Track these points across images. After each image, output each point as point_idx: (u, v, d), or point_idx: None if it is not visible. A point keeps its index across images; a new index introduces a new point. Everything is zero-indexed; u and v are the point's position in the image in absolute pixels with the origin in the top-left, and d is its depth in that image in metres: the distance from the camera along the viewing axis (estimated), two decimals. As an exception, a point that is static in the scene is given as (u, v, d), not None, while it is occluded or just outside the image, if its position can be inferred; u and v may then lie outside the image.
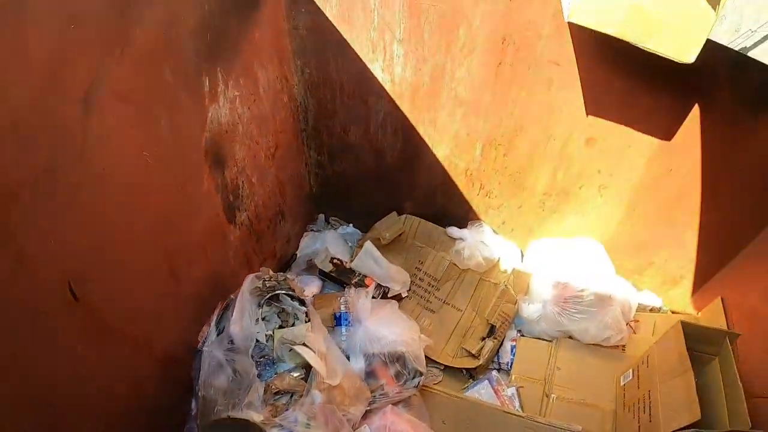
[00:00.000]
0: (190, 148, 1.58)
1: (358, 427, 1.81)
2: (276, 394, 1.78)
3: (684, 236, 2.14)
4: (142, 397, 1.58)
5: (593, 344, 2.23)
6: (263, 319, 1.91)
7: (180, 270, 1.64)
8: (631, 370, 2.07)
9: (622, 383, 2.09)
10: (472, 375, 2.25)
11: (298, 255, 2.63)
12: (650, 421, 1.78)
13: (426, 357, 2.09)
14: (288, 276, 1.94)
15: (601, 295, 2.17)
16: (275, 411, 1.71)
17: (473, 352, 2.23)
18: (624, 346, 2.26)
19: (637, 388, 1.96)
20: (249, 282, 1.90)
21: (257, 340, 1.87)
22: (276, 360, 1.88)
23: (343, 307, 2.09)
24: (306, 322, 1.93)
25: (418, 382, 2.01)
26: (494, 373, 2.20)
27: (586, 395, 2.10)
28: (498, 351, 2.29)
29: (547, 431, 1.88)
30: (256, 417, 1.64)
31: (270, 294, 1.92)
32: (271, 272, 1.93)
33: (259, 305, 1.91)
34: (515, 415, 1.94)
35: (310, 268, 2.50)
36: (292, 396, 1.78)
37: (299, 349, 1.80)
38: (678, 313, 2.39)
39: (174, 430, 1.79)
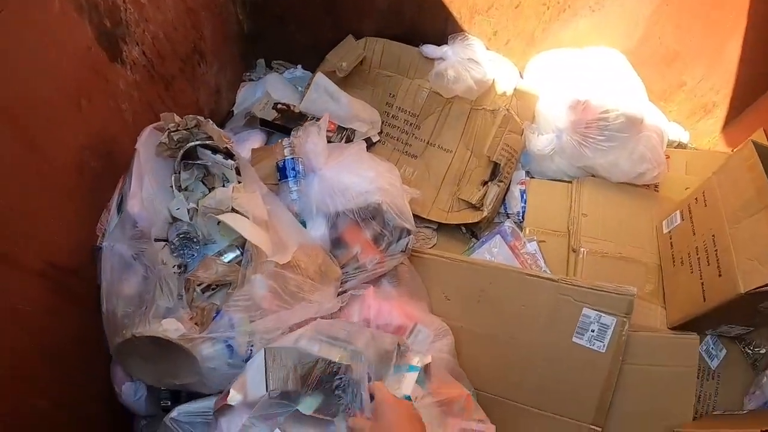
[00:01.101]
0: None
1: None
2: (205, 291, 1.25)
3: (725, 48, 1.77)
4: (33, 334, 1.12)
5: (622, 183, 1.77)
6: (184, 189, 1.38)
7: (38, 137, 1.08)
8: (678, 213, 1.61)
9: (666, 230, 1.64)
10: (474, 233, 1.74)
11: (235, 111, 2.02)
12: (720, 276, 1.35)
13: (413, 215, 1.56)
14: (200, 119, 1.33)
15: (631, 117, 1.66)
16: (202, 317, 1.19)
17: (473, 201, 1.72)
18: (657, 185, 1.81)
19: (692, 234, 1.51)
20: (146, 136, 1.30)
21: (175, 219, 1.33)
22: (204, 243, 1.35)
23: (288, 152, 1.51)
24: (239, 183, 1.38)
25: (407, 244, 1.50)
26: (508, 224, 1.69)
27: (623, 247, 1.64)
28: (504, 198, 1.77)
29: (592, 297, 1.39)
30: (171, 331, 1.12)
31: (183, 149, 1.33)
32: (176, 117, 1.32)
33: (175, 170, 1.35)
34: (545, 278, 1.44)
35: (250, 121, 1.88)
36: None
37: (226, 218, 1.25)
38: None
39: (95, 370, 1.32)
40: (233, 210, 1.28)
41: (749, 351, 1.51)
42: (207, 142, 1.34)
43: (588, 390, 1.39)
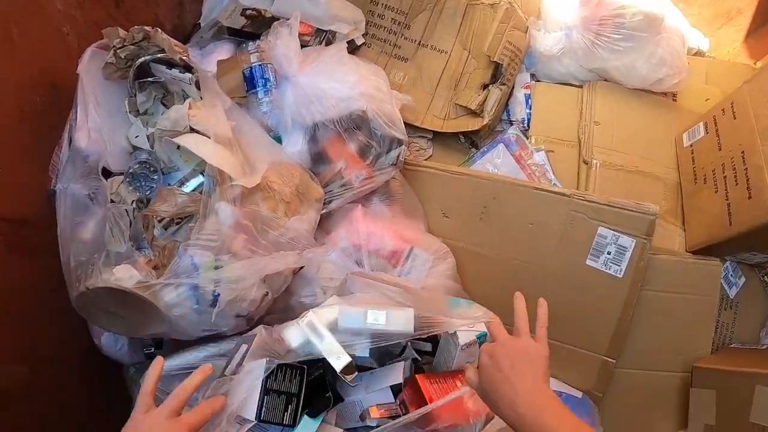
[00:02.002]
0: None
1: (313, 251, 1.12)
2: (168, 227, 1.07)
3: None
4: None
5: (638, 90, 1.57)
6: (143, 113, 1.20)
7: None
8: (701, 124, 1.43)
9: (687, 143, 1.46)
10: (473, 142, 1.54)
11: (201, 24, 1.74)
12: (750, 198, 1.19)
13: (404, 124, 1.35)
14: (148, 29, 1.10)
15: (651, 16, 1.46)
16: (164, 257, 1.01)
17: (472, 107, 1.50)
18: (675, 94, 1.62)
19: (718, 149, 1.34)
20: (89, 58, 1.11)
21: (136, 149, 1.17)
22: (167, 171, 1.18)
23: (255, 59, 1.28)
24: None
25: (398, 156, 1.30)
26: (512, 131, 1.49)
27: (639, 160, 1.46)
28: (507, 104, 1.56)
29: (609, 215, 1.23)
30: (125, 279, 0.96)
31: (134, 67, 1.13)
32: (121, 32, 1.11)
33: (130, 93, 1.17)
34: (556, 193, 1.27)
35: (217, 32, 1.62)
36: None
37: (183, 140, 1.07)
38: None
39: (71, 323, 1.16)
40: (192, 130, 1.09)
41: (770, 280, 1.39)
42: (160, 55, 1.14)
43: (602, 319, 1.26)
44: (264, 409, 0.92)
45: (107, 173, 1.13)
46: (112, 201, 1.09)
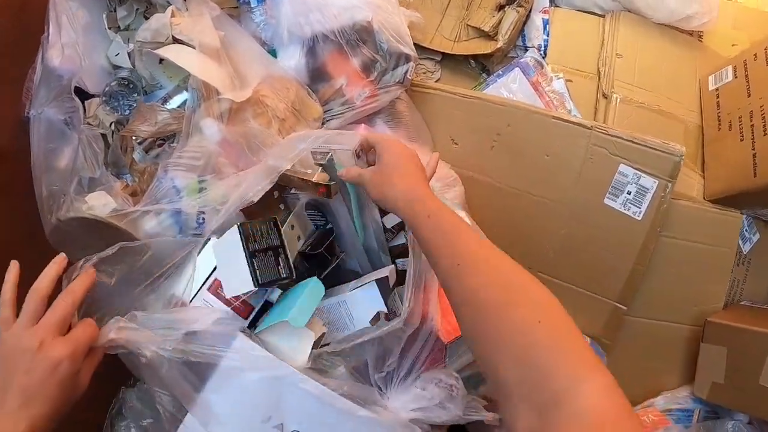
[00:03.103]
0: None
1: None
2: (149, 150, 0.97)
3: None
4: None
5: (663, 25, 1.45)
6: (125, 29, 1.10)
7: None
8: (730, 68, 1.32)
9: (712, 86, 1.35)
10: (485, 67, 1.41)
11: None
12: None
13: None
14: None
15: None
16: (143, 182, 0.93)
17: (485, 29, 1.37)
18: (701, 34, 1.50)
19: (746, 95, 1.23)
20: None
21: (117, 68, 1.09)
22: (149, 90, 1.08)
23: (247, -38, 1.14)
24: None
25: (405, 73, 1.17)
26: (530, 55, 1.35)
27: (661, 99, 1.34)
28: (523, 28, 1.43)
29: (632, 152, 1.13)
30: (99, 207, 0.87)
31: None
32: None
33: (109, 7, 1.09)
34: (576, 124, 1.16)
35: None
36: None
37: (165, 51, 0.95)
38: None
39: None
40: (175, 40, 0.99)
41: (784, 238, 1.32)
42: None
43: (617, 263, 1.16)
44: (258, 272, 0.82)
45: (85, 95, 1.03)
46: (88, 124, 0.99)
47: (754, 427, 1.18)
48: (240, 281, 0.82)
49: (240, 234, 0.82)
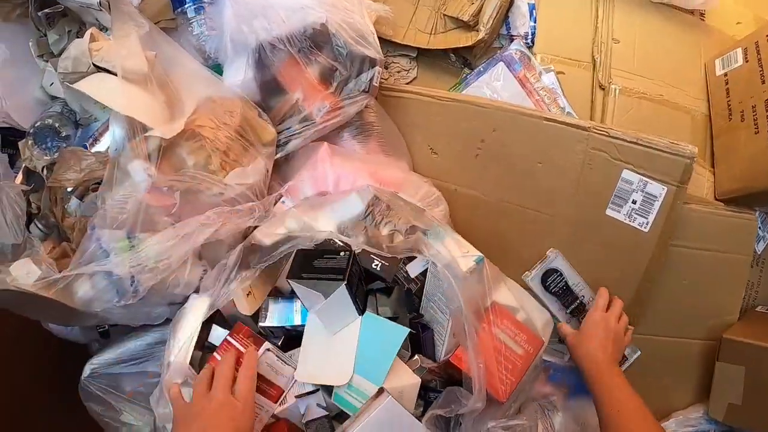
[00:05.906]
0: None
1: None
2: (83, 197, 0.87)
3: None
4: None
5: (662, 4, 1.32)
6: (59, 55, 1.00)
7: None
8: (739, 50, 1.20)
9: (720, 71, 1.24)
10: (467, 61, 1.28)
11: None
12: None
13: (381, 40, 1.11)
14: None
15: None
16: (75, 237, 0.83)
17: (464, 18, 1.24)
18: (703, 13, 1.38)
19: (760, 82, 1.12)
20: None
21: (55, 99, 1.03)
22: (86, 123, 1.00)
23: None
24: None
25: (371, 80, 1.05)
26: (515, 47, 1.22)
27: (664, 87, 1.23)
28: (507, 15, 1.30)
29: (637, 156, 1.02)
30: (22, 277, 0.79)
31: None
32: None
33: (39, 33, 1.02)
34: (571, 125, 1.05)
35: None
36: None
37: (82, 85, 0.86)
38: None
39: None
40: (97, 68, 0.89)
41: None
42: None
43: (622, 280, 1.08)
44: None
45: (20, 134, 0.97)
46: (26, 168, 0.93)
47: (776, 451, 1.11)
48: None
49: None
